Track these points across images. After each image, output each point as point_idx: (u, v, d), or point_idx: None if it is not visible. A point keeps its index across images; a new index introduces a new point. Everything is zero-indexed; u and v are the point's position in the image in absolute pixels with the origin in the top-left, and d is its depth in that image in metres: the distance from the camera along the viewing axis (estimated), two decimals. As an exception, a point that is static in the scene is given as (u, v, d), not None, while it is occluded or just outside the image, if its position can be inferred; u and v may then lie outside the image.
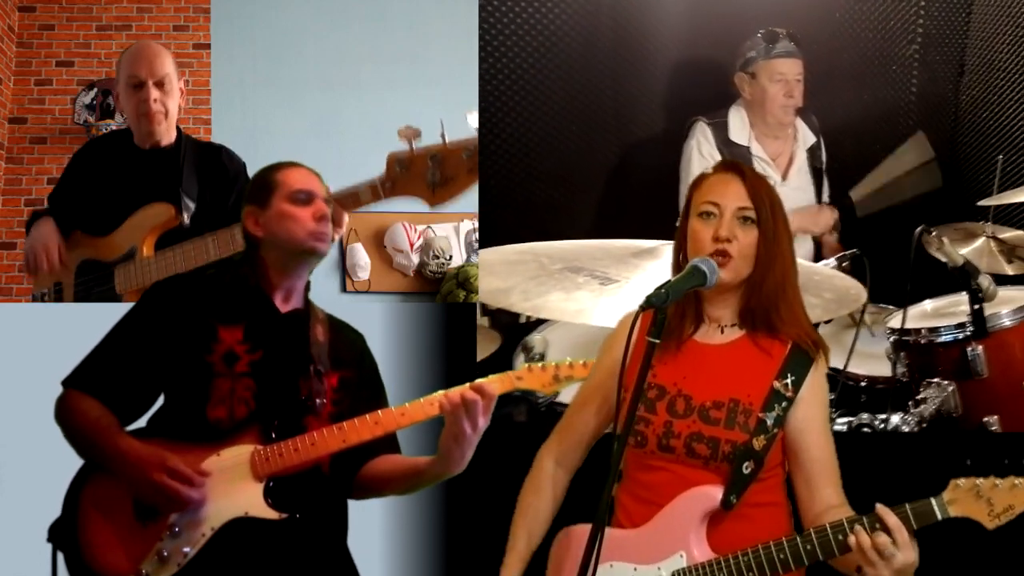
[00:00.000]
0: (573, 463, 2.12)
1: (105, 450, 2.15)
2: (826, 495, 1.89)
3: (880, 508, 1.75)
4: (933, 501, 1.74)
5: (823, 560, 1.80)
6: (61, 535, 2.17)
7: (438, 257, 5.29)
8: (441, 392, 2.16)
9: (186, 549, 2.09)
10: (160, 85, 3.08)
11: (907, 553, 1.72)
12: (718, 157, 3.70)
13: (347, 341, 2.38)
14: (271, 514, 2.12)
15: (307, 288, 2.36)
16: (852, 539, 1.75)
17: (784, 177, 3.81)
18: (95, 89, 5.44)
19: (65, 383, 2.25)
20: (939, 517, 1.73)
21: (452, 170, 2.63)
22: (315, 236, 2.26)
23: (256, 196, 2.32)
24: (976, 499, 1.71)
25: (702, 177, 2.01)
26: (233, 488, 2.12)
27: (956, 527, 1.74)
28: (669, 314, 1.92)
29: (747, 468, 1.88)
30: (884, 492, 1.83)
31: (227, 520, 2.11)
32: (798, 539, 1.80)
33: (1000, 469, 1.75)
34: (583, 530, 1.92)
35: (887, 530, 1.73)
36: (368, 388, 2.36)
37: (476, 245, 5.20)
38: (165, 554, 2.09)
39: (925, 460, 2.84)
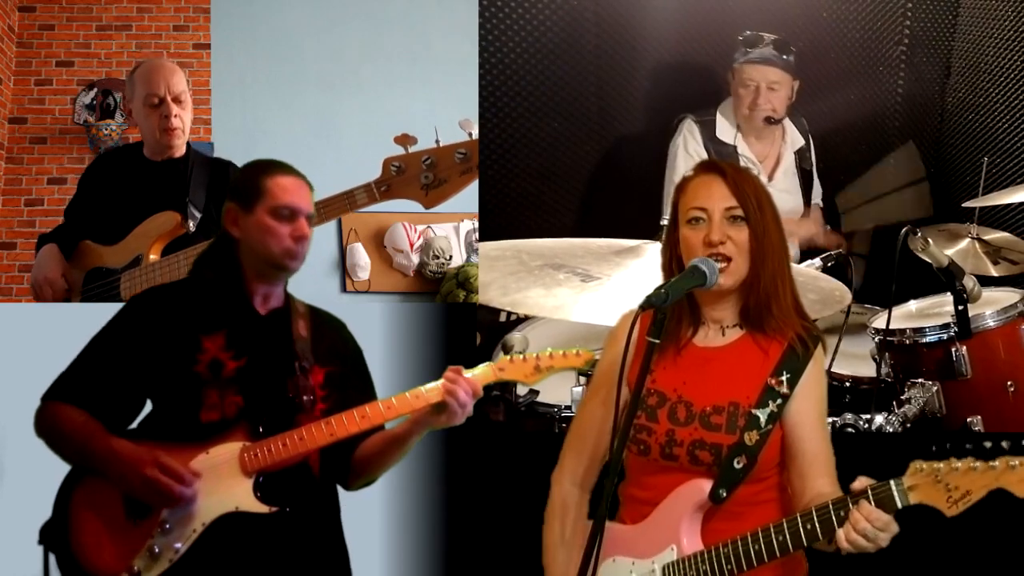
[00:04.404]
0: (589, 480, 2.10)
1: (96, 452, 2.16)
2: (818, 486, 1.87)
3: (843, 532, 1.72)
4: (893, 487, 1.69)
5: (795, 550, 1.79)
6: (52, 536, 2.18)
7: (438, 257, 5.30)
8: (432, 384, 2.20)
9: (177, 545, 2.11)
10: (178, 101, 3.18)
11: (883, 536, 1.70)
12: (704, 155, 3.70)
13: (330, 333, 2.39)
14: (261, 508, 2.13)
15: (284, 284, 2.37)
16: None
17: (770, 178, 3.80)
18: (95, 89, 5.45)
19: (45, 397, 2.24)
20: (899, 505, 1.69)
21: (445, 172, 2.71)
22: (289, 255, 2.27)
23: (240, 196, 2.31)
24: (935, 484, 1.66)
25: (685, 181, 1.99)
26: (223, 484, 2.14)
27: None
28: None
29: (738, 463, 1.87)
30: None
31: (218, 515, 2.13)
32: (771, 529, 1.80)
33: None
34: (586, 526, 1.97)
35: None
36: (355, 381, 2.38)
37: (476, 245, 5.21)
38: (156, 550, 2.10)
39: (908, 460, 2.85)
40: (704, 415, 1.92)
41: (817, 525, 1.76)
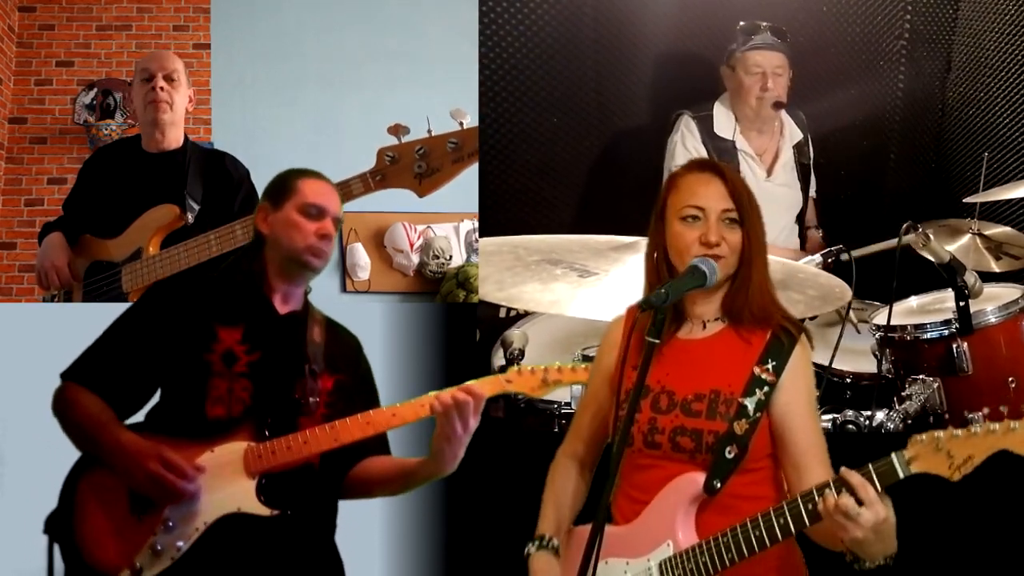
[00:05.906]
0: (588, 460, 2.13)
1: (104, 444, 2.17)
2: (814, 476, 1.85)
3: (843, 470, 1.72)
4: (894, 458, 1.69)
5: (798, 531, 1.78)
6: (57, 527, 2.19)
7: (438, 257, 5.30)
8: (432, 393, 2.18)
9: (179, 543, 2.12)
10: (169, 79, 3.24)
11: (876, 509, 1.68)
12: (703, 151, 3.69)
13: (343, 344, 2.41)
14: (263, 510, 2.14)
15: (307, 291, 2.40)
16: (821, 505, 1.72)
17: (769, 173, 3.80)
18: (95, 89, 5.46)
19: (64, 376, 2.28)
20: (901, 475, 1.68)
21: (437, 161, 2.78)
22: (312, 251, 2.30)
23: (272, 195, 2.37)
24: (936, 452, 1.66)
25: (677, 177, 2.00)
26: (226, 484, 2.15)
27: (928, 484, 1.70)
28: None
29: (730, 452, 1.87)
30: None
31: (220, 515, 2.14)
32: (772, 512, 1.79)
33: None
34: (583, 530, 1.95)
35: (851, 489, 1.69)
36: (363, 394, 2.38)
37: (476, 245, 5.21)
38: (159, 548, 2.11)
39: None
40: (685, 403, 1.92)
41: (811, 507, 1.74)
